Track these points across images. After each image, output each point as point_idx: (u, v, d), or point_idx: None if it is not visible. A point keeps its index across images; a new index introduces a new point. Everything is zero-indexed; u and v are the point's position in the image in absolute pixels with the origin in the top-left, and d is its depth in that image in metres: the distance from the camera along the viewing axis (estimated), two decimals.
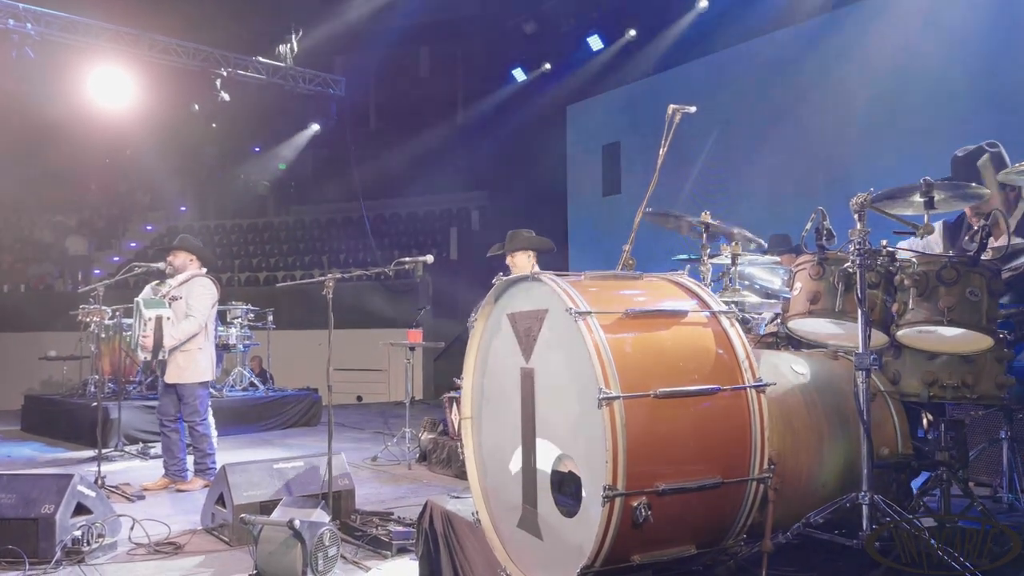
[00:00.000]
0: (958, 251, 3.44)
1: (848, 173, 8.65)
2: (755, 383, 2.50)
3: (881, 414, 3.03)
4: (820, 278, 3.05)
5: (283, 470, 4.86)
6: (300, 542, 3.73)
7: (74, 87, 11.15)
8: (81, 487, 4.43)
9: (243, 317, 10.15)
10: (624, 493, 2.25)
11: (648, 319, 2.51)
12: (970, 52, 7.74)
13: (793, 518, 2.73)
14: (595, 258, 12.19)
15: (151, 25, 11.68)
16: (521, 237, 5.42)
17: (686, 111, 4.00)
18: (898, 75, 8.29)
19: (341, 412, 12.10)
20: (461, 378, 3.16)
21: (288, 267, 16.87)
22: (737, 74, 10.19)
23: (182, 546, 4.53)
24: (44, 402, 10.17)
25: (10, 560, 4.06)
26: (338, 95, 13.89)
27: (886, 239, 3.00)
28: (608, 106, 12.59)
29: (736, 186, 10.07)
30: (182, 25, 12.06)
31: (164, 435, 6.33)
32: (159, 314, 6.03)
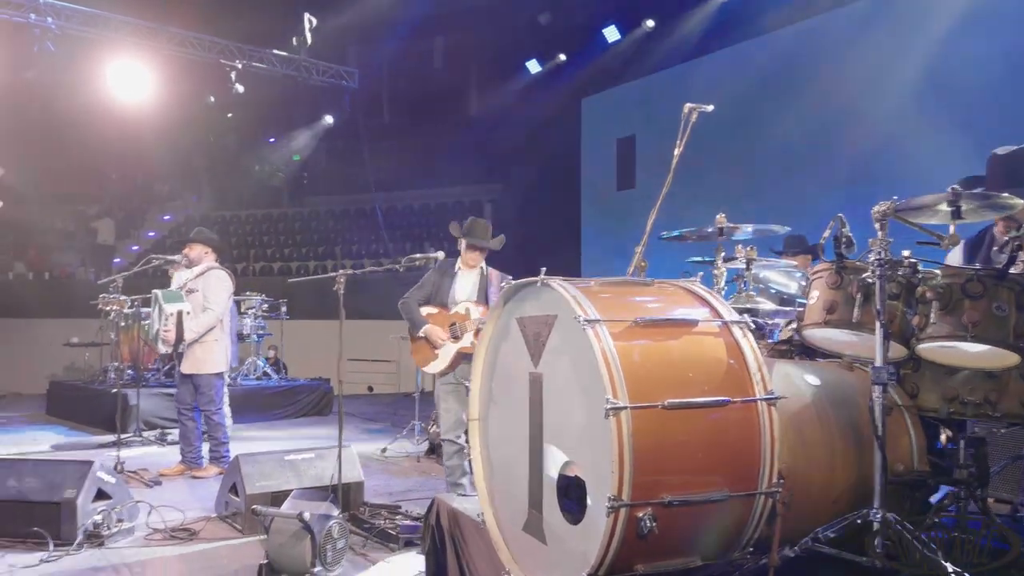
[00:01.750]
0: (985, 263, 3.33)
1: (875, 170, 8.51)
2: (766, 396, 2.48)
3: (897, 429, 2.95)
4: (838, 287, 2.99)
5: (294, 461, 4.93)
6: (310, 534, 3.77)
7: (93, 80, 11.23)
8: (101, 473, 4.58)
9: (257, 307, 10.22)
10: (629, 504, 2.24)
11: (658, 328, 2.49)
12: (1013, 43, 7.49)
13: (802, 532, 2.68)
14: (608, 253, 12.15)
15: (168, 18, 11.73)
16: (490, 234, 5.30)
17: (703, 110, 3.94)
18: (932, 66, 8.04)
19: (352, 402, 12.18)
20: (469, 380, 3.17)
21: (302, 258, 16.94)
22: (758, 66, 10.03)
23: (197, 532, 4.63)
24: (67, 387, 10.37)
25: (36, 541, 4.24)
26: (351, 87, 13.88)
27: (909, 250, 2.91)
28: (623, 99, 12.48)
29: (756, 183, 9.98)
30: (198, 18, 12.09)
31: (181, 423, 6.43)
32: (180, 308, 6.10)
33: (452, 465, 5.15)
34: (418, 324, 5.14)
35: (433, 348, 5.07)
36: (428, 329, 5.08)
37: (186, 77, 12.30)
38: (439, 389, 5.18)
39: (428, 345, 5.10)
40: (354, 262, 16.52)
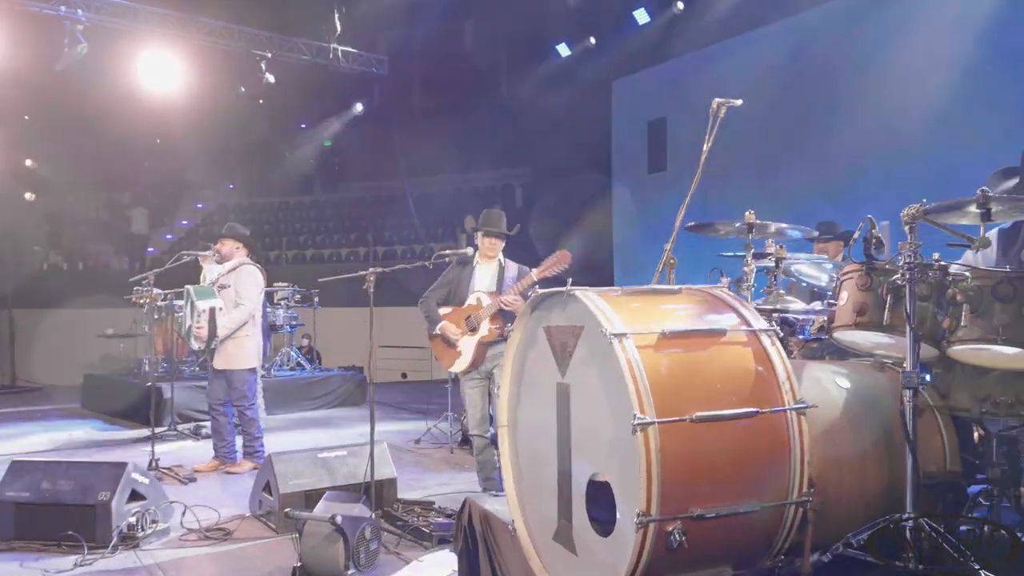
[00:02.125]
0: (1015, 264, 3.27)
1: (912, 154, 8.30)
2: (796, 405, 2.45)
3: (929, 430, 2.93)
4: (867, 289, 2.95)
5: (327, 459, 4.97)
6: (342, 537, 3.81)
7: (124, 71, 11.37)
8: (135, 474, 4.62)
9: (289, 298, 10.32)
10: (658, 519, 2.24)
11: (685, 339, 2.47)
12: None
13: (835, 537, 2.67)
14: (639, 236, 12.07)
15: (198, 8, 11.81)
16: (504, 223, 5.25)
17: (731, 104, 3.85)
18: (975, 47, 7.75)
19: (386, 390, 12.30)
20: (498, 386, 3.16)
21: (334, 245, 17.07)
22: (793, 47, 9.81)
23: (231, 532, 4.68)
24: (102, 380, 10.56)
25: (71, 544, 4.28)
26: (381, 74, 13.87)
27: (938, 252, 2.86)
28: (654, 81, 12.32)
29: (788, 169, 9.80)
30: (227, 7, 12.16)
31: (213, 418, 6.51)
32: (212, 305, 6.17)
33: (483, 460, 5.18)
34: (435, 322, 5.16)
35: (452, 346, 5.07)
36: (443, 325, 5.10)
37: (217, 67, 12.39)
38: (464, 385, 5.20)
39: (447, 343, 5.10)
40: (386, 248, 16.63)
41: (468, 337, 5.02)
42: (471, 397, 5.14)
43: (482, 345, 4.97)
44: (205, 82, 12.42)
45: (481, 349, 4.99)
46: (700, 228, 3.78)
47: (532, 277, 4.79)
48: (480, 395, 5.11)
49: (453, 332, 5.07)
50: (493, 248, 5.17)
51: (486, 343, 4.95)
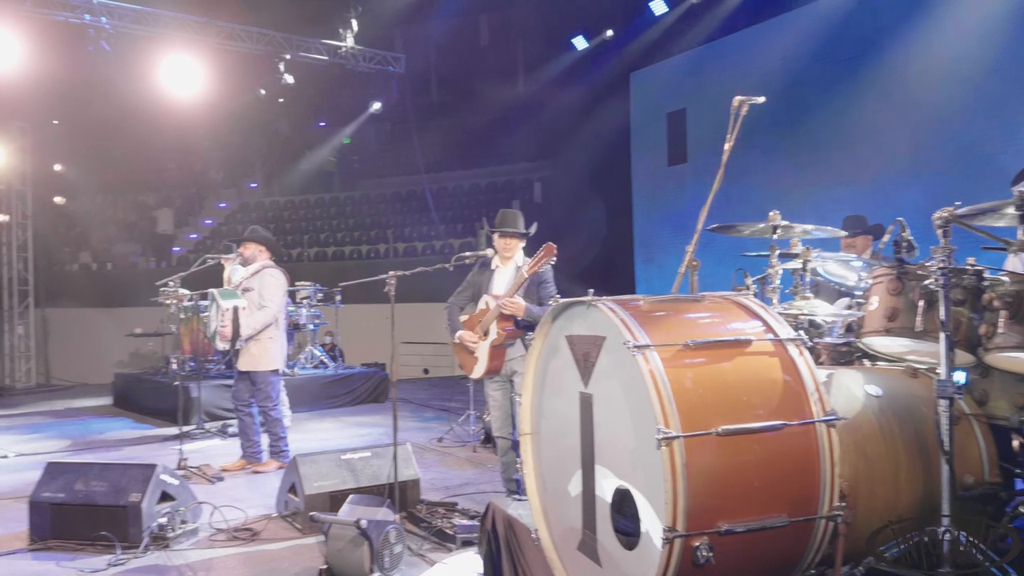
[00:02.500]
0: None
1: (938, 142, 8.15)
2: (825, 417, 2.40)
3: (966, 439, 2.85)
4: (899, 294, 2.87)
5: (351, 461, 5.00)
6: (367, 541, 3.83)
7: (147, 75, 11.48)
8: (164, 476, 4.70)
9: (312, 297, 10.37)
10: (684, 535, 2.20)
11: (710, 350, 2.42)
12: None
13: (867, 550, 2.61)
14: (660, 229, 11.98)
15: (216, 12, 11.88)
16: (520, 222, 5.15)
17: (753, 102, 3.78)
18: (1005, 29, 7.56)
19: (408, 387, 12.34)
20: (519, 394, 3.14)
21: (354, 242, 17.12)
22: (811, 35, 9.67)
23: (258, 532, 4.75)
24: (131, 379, 10.73)
25: (104, 544, 4.39)
26: (398, 73, 13.88)
27: (974, 256, 2.78)
28: (673, 72, 12.18)
29: (811, 160, 9.66)
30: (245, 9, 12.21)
31: (239, 419, 6.58)
32: (236, 304, 6.23)
33: (507, 461, 5.13)
34: (454, 331, 5.12)
35: (472, 353, 5.04)
36: (460, 334, 5.05)
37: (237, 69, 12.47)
38: (487, 386, 5.13)
39: (467, 350, 5.07)
40: (406, 245, 16.66)
41: (483, 342, 4.98)
42: (494, 398, 5.10)
43: (495, 349, 4.89)
44: (226, 84, 12.50)
45: (495, 353, 4.90)
46: (723, 230, 3.71)
47: (523, 275, 4.73)
48: (503, 396, 5.06)
49: (469, 339, 5.03)
50: (509, 249, 5.09)
51: (497, 346, 4.88)
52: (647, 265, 12.32)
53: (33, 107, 13.37)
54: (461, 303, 5.21)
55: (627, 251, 12.60)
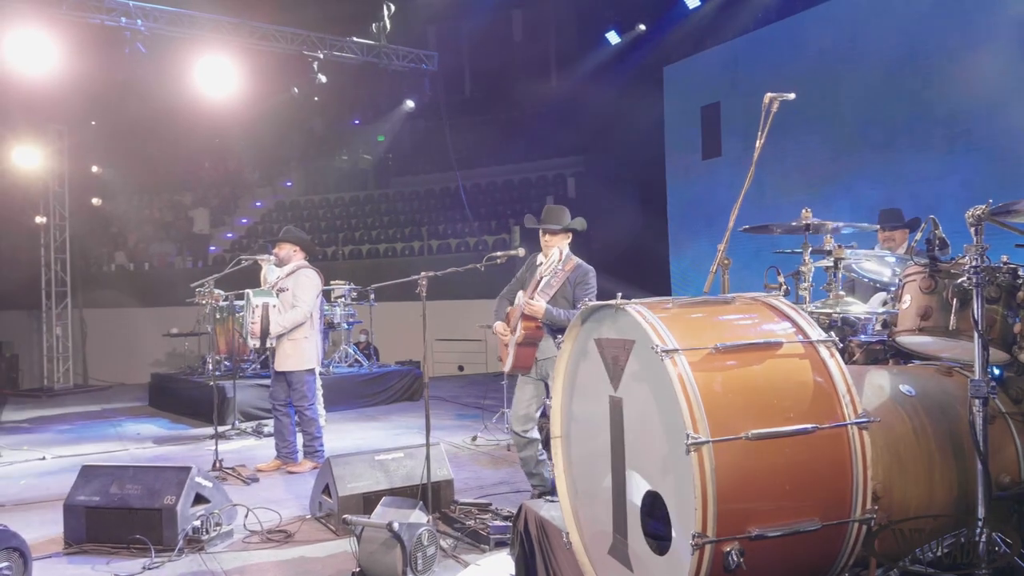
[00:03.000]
0: None
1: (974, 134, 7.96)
2: (857, 419, 2.36)
3: (1001, 438, 2.81)
4: (932, 292, 2.84)
5: (384, 462, 5.03)
6: (399, 543, 3.85)
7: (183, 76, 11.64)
8: (199, 478, 4.73)
9: (346, 296, 10.46)
10: (714, 540, 2.19)
11: (740, 353, 2.40)
12: None
13: (902, 552, 2.58)
14: (695, 225, 11.89)
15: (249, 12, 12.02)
16: (563, 216, 5.05)
17: (784, 98, 3.72)
18: None
19: (442, 384, 12.40)
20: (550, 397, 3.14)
21: (389, 239, 17.24)
22: (844, 26, 9.52)
23: (292, 534, 4.78)
24: (167, 379, 10.89)
25: (139, 547, 4.42)
26: (431, 70, 13.92)
27: (1007, 254, 2.73)
28: (706, 65, 12.08)
29: (847, 152, 9.50)
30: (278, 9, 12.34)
31: (276, 419, 6.65)
32: (266, 302, 6.32)
33: (525, 457, 5.09)
34: (497, 319, 5.12)
35: (505, 345, 5.04)
36: (496, 325, 5.09)
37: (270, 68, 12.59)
38: (519, 379, 5.11)
39: (502, 342, 5.08)
40: (440, 242, 16.73)
41: (512, 338, 4.98)
42: (519, 389, 5.07)
43: (520, 347, 4.88)
44: (260, 84, 12.64)
45: (522, 351, 4.89)
46: (756, 230, 3.67)
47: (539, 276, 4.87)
48: (528, 393, 5.01)
49: (501, 332, 5.04)
50: (547, 245, 5.02)
51: (522, 344, 4.86)
52: (681, 260, 12.24)
53: (70, 110, 13.62)
54: (510, 296, 5.20)
55: (662, 246, 12.53)
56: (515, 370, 4.99)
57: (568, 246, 5.08)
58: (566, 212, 5.11)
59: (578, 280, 4.88)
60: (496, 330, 5.08)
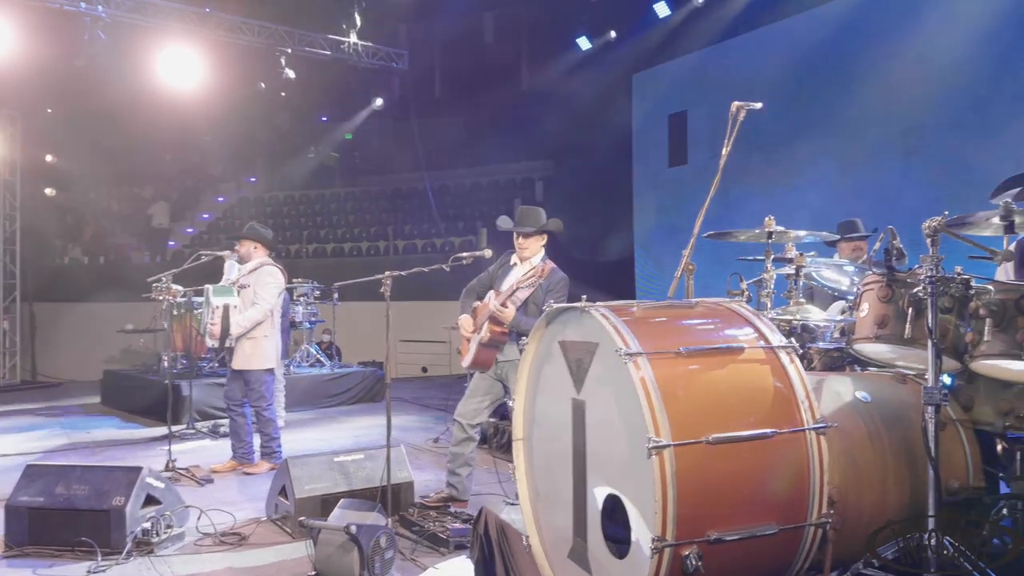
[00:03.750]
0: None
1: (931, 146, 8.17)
2: (815, 425, 2.40)
3: (951, 444, 2.88)
4: (889, 301, 2.90)
5: (343, 463, 4.96)
6: (357, 546, 3.80)
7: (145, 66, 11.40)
8: (150, 479, 4.58)
9: (309, 294, 10.34)
10: (674, 544, 2.20)
11: (702, 357, 2.42)
12: None
13: (855, 555, 2.64)
14: (661, 230, 12.00)
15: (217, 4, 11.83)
16: (538, 218, 4.97)
17: (751, 107, 3.77)
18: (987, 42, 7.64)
19: (406, 385, 12.32)
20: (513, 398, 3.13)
21: (354, 238, 17.09)
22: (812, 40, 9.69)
23: (247, 537, 4.66)
24: (121, 377, 10.60)
25: (84, 550, 4.25)
26: (401, 69, 13.85)
27: (961, 265, 2.79)
28: (675, 74, 12.22)
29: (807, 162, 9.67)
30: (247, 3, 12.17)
31: (232, 419, 6.52)
32: (226, 302, 6.20)
33: (457, 452, 5.03)
34: (462, 312, 5.06)
35: (468, 340, 5.00)
36: (461, 319, 5.02)
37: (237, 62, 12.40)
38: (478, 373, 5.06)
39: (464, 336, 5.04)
40: (406, 242, 16.64)
41: (475, 336, 4.94)
42: (475, 384, 5.04)
43: (483, 347, 4.83)
44: (225, 77, 12.44)
45: (484, 352, 4.84)
46: (720, 236, 3.70)
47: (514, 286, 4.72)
48: (484, 388, 4.98)
49: (465, 328, 5.00)
50: (522, 247, 4.94)
51: (486, 345, 4.82)
52: (647, 265, 12.35)
53: (24, 96, 13.22)
54: (478, 289, 5.14)
55: (628, 251, 12.62)
56: (474, 368, 4.96)
57: (543, 249, 5.04)
58: (541, 213, 5.05)
59: (551, 287, 4.81)
60: (460, 324, 5.01)
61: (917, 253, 2.77)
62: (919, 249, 2.73)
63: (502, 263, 5.12)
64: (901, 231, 3.00)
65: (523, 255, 4.99)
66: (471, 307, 5.08)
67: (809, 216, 8.96)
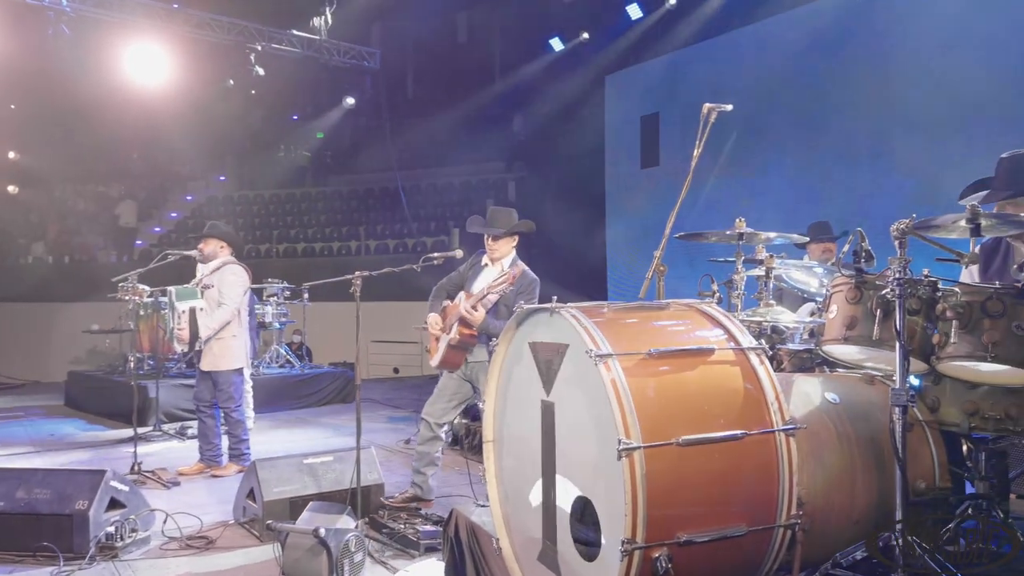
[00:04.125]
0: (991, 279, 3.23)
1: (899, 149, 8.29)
2: (784, 426, 2.40)
3: (918, 445, 2.91)
4: (857, 302, 2.91)
5: (312, 465, 4.90)
6: (326, 549, 3.75)
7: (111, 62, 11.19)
8: (114, 482, 4.49)
9: (279, 294, 10.22)
10: (643, 546, 2.19)
11: (673, 359, 2.41)
12: None
13: (824, 555, 2.66)
14: (633, 231, 12.04)
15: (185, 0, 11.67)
16: (509, 219, 4.96)
17: (722, 109, 3.79)
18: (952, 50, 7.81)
19: (377, 386, 12.22)
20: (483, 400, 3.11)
21: (325, 238, 16.96)
22: (782, 44, 9.80)
23: (214, 540, 4.59)
24: (85, 378, 10.38)
25: (46, 555, 4.15)
26: (373, 68, 13.75)
27: (928, 267, 2.82)
28: (647, 76, 12.28)
29: (776, 166, 9.77)
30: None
31: (200, 420, 6.43)
32: (192, 306, 6.10)
33: (423, 452, 5.02)
34: (431, 311, 5.03)
35: (436, 339, 4.97)
36: (430, 318, 4.98)
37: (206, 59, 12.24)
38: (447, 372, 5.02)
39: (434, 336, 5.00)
40: (377, 243, 16.53)
41: (444, 336, 4.91)
42: (444, 382, 5.01)
43: (452, 349, 4.80)
44: (195, 74, 12.27)
45: (451, 353, 4.82)
46: (691, 237, 3.71)
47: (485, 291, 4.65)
48: (452, 387, 4.97)
49: (434, 328, 4.96)
50: (491, 249, 4.91)
51: (455, 347, 4.79)
52: (619, 267, 12.38)
53: None
54: (448, 288, 5.10)
55: (600, 252, 12.65)
56: (443, 368, 4.94)
57: (515, 249, 5.01)
58: (512, 214, 5.01)
59: (522, 289, 4.76)
60: (429, 324, 4.97)
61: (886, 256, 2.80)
62: (888, 252, 2.75)
63: (473, 263, 5.10)
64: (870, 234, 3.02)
65: (493, 256, 4.96)
66: (440, 306, 5.05)
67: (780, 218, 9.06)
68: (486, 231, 4.94)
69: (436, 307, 5.05)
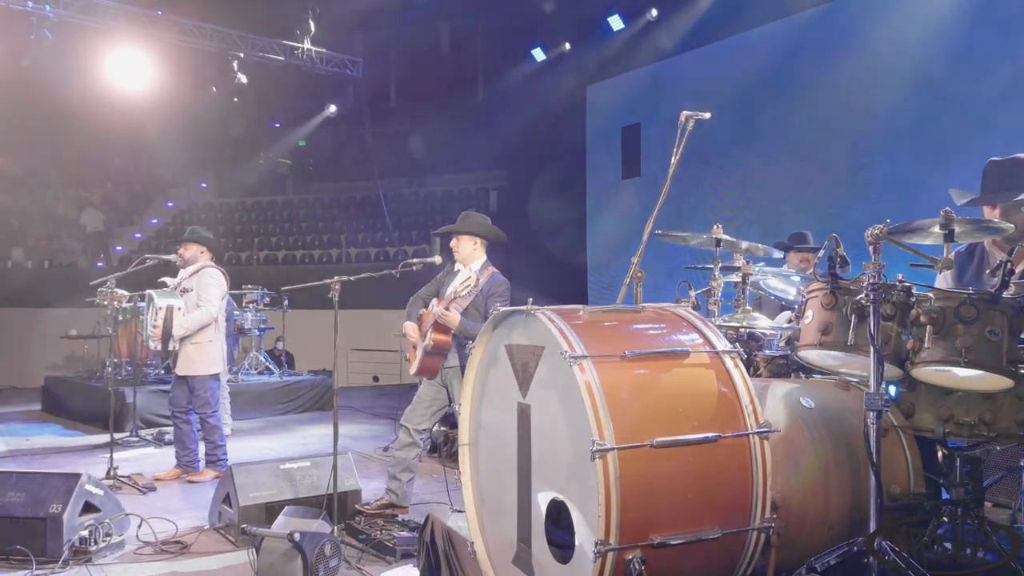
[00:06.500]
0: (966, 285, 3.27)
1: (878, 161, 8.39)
2: (758, 429, 2.41)
3: (893, 450, 2.92)
4: (833, 308, 2.93)
5: (289, 470, 4.86)
6: (301, 554, 3.72)
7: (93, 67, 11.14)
8: (89, 486, 4.44)
9: (258, 301, 10.16)
10: (617, 548, 2.19)
11: (647, 361, 2.42)
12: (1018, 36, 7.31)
13: (798, 560, 2.66)
14: (613, 241, 12.08)
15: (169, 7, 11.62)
16: (471, 221, 5.01)
17: (700, 117, 3.83)
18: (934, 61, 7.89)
19: (356, 394, 12.16)
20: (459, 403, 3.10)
21: (306, 246, 16.89)
22: (763, 55, 9.88)
23: (189, 545, 4.54)
24: (63, 383, 10.28)
25: (19, 559, 4.10)
26: (355, 76, 13.75)
27: (902, 273, 2.85)
28: (628, 87, 12.35)
29: (757, 176, 9.85)
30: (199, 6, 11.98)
31: (176, 426, 6.37)
32: (170, 304, 6.06)
33: (400, 457, 4.99)
34: (408, 319, 5.03)
35: (415, 348, 4.97)
36: (406, 326, 4.99)
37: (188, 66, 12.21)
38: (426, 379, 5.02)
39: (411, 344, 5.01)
40: (359, 251, 16.49)
41: (421, 344, 4.91)
42: (424, 389, 5.00)
43: (428, 356, 4.79)
44: (177, 81, 12.23)
45: (429, 360, 4.81)
46: (668, 236, 3.74)
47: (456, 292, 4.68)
48: (428, 395, 4.97)
49: (411, 335, 4.97)
50: (454, 249, 4.95)
51: (430, 353, 4.78)
52: (600, 277, 12.42)
53: None
54: (425, 297, 5.10)
55: (581, 262, 12.68)
56: (420, 375, 4.94)
57: (485, 255, 5.02)
58: (475, 218, 5.05)
59: (492, 291, 4.80)
60: (406, 331, 4.98)
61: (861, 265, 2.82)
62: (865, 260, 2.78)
63: (448, 271, 5.12)
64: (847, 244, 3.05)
65: (456, 256, 5.00)
66: (417, 315, 5.06)
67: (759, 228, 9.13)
68: (446, 230, 5.00)
69: (413, 315, 5.06)
